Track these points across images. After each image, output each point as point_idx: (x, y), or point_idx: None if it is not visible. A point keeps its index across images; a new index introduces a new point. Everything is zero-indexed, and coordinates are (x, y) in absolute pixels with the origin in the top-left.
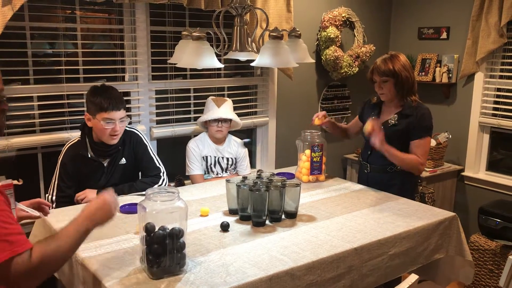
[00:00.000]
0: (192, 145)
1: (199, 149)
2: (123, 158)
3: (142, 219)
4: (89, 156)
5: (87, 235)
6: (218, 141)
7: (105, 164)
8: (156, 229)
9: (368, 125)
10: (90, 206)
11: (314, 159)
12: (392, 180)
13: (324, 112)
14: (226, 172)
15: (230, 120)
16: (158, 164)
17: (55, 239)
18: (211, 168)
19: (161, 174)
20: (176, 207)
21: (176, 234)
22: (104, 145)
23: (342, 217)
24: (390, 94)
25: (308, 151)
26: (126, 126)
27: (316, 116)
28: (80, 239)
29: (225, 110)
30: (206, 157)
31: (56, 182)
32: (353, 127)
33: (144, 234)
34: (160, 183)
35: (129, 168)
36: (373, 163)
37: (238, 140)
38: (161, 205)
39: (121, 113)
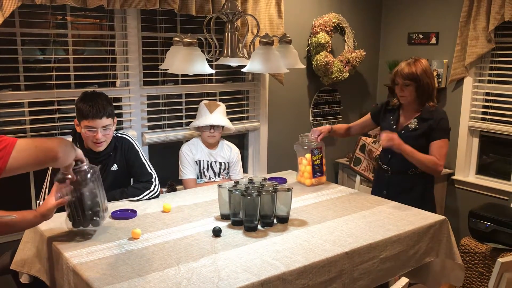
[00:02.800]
0: (185, 150)
1: (192, 153)
2: (115, 164)
3: None
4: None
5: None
6: (211, 145)
7: None
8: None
9: (383, 138)
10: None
11: (315, 162)
12: (413, 182)
13: (319, 130)
14: (218, 176)
15: (222, 126)
16: (149, 170)
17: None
18: (203, 172)
19: (153, 179)
20: None
21: None
22: (94, 151)
23: (333, 221)
24: (411, 97)
25: (308, 155)
26: (118, 132)
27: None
28: (37, 223)
29: (217, 116)
30: (199, 161)
31: (47, 189)
32: (361, 125)
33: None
34: (152, 188)
35: (120, 174)
36: (395, 166)
37: (231, 144)
38: None
39: (104, 121)
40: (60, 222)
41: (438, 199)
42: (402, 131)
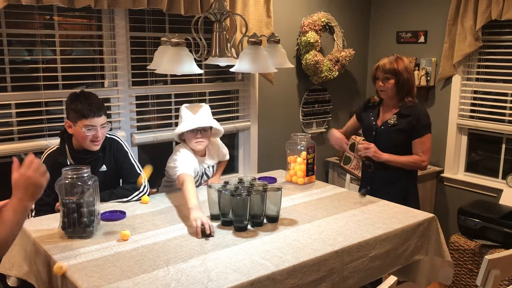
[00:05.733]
0: (184, 150)
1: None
2: (104, 165)
3: None
4: (68, 163)
5: (28, 210)
6: (200, 153)
7: None
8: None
9: (359, 148)
10: (18, 187)
11: (309, 161)
12: (396, 177)
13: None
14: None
15: (210, 128)
16: (139, 171)
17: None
18: (198, 180)
19: (142, 181)
20: None
21: None
22: (84, 152)
23: (323, 220)
24: (391, 92)
25: (304, 153)
26: (107, 133)
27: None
28: (22, 218)
29: (203, 116)
30: (196, 172)
31: None
32: (351, 129)
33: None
34: (141, 189)
35: (109, 175)
36: (377, 162)
37: (216, 140)
38: None
39: (102, 119)
40: (48, 224)
41: (427, 196)
42: (382, 127)
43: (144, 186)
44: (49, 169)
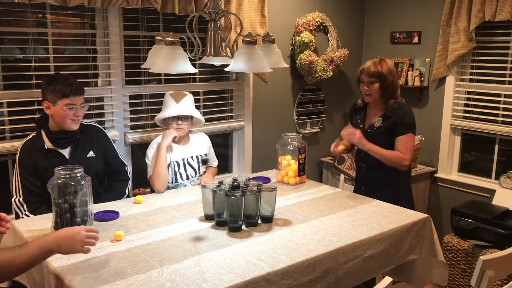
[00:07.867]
0: (156, 145)
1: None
2: (91, 151)
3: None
4: (46, 147)
5: (49, 256)
6: (181, 140)
7: (66, 157)
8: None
9: (343, 133)
10: (63, 231)
11: (300, 161)
12: (389, 177)
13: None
14: (199, 173)
15: (192, 117)
16: (122, 159)
17: (15, 250)
18: (180, 174)
19: (126, 168)
20: None
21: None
22: (61, 132)
23: (317, 221)
24: (376, 94)
25: (289, 157)
26: (84, 121)
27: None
28: (40, 257)
29: (185, 105)
30: (172, 163)
31: (19, 182)
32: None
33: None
34: (127, 179)
35: (96, 161)
36: (368, 162)
37: (198, 132)
38: None
39: (82, 98)
40: (40, 224)
41: (420, 196)
42: (369, 130)
43: (128, 173)
44: (27, 155)
